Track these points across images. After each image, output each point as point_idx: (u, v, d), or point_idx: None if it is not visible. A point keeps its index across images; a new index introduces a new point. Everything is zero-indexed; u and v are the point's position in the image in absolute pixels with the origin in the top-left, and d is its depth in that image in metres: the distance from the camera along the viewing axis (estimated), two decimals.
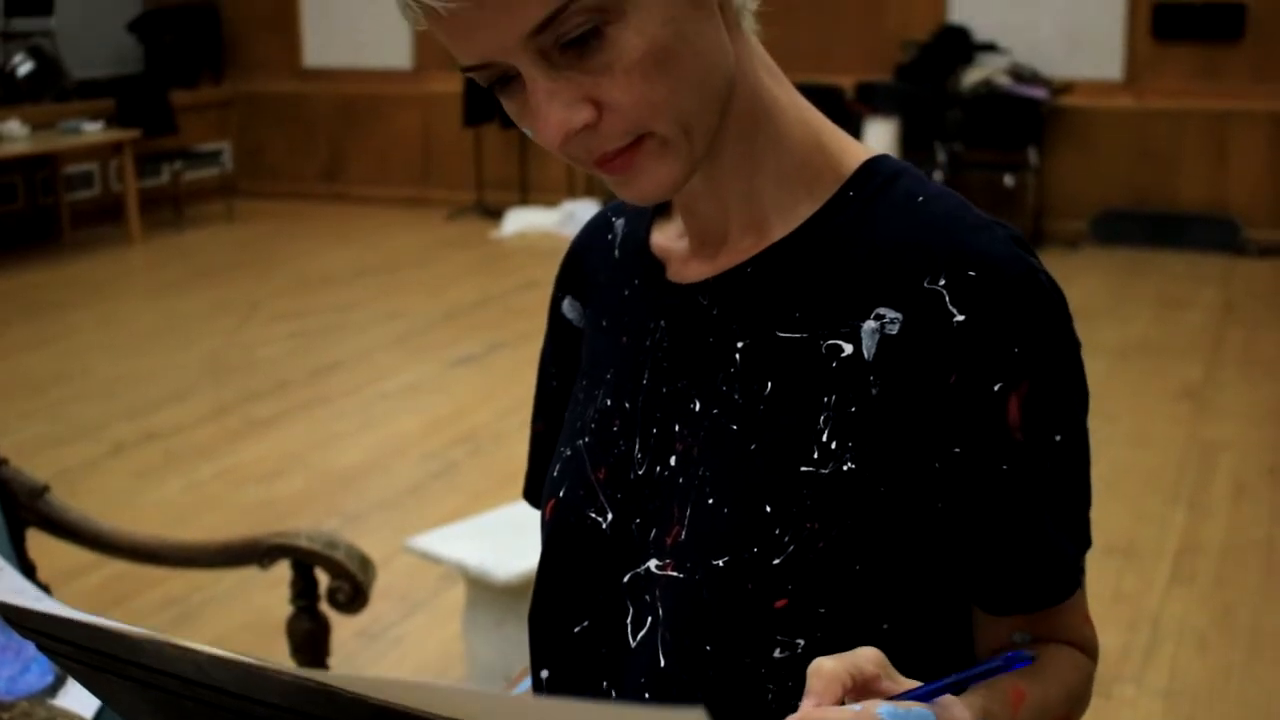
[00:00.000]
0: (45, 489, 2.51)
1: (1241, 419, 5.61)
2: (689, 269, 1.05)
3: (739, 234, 1.02)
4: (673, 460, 1.02)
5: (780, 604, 0.94)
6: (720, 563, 0.96)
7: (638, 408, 1.05)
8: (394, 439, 5.55)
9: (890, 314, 0.94)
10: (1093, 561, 1.10)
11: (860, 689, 0.80)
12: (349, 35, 11.34)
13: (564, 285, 1.18)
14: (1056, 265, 8.44)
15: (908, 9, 9.47)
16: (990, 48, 9.23)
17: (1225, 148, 8.92)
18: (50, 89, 10.43)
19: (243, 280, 8.61)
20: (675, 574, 0.98)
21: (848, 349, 0.95)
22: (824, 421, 0.95)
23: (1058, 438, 0.94)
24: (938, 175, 9.05)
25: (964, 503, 0.94)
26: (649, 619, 1.00)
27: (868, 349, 0.95)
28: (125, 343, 7.18)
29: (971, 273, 0.93)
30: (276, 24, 11.63)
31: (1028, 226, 9.10)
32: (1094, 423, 0.93)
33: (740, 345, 1.00)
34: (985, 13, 9.33)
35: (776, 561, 0.94)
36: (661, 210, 1.10)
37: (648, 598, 1.01)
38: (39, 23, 10.55)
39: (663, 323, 1.05)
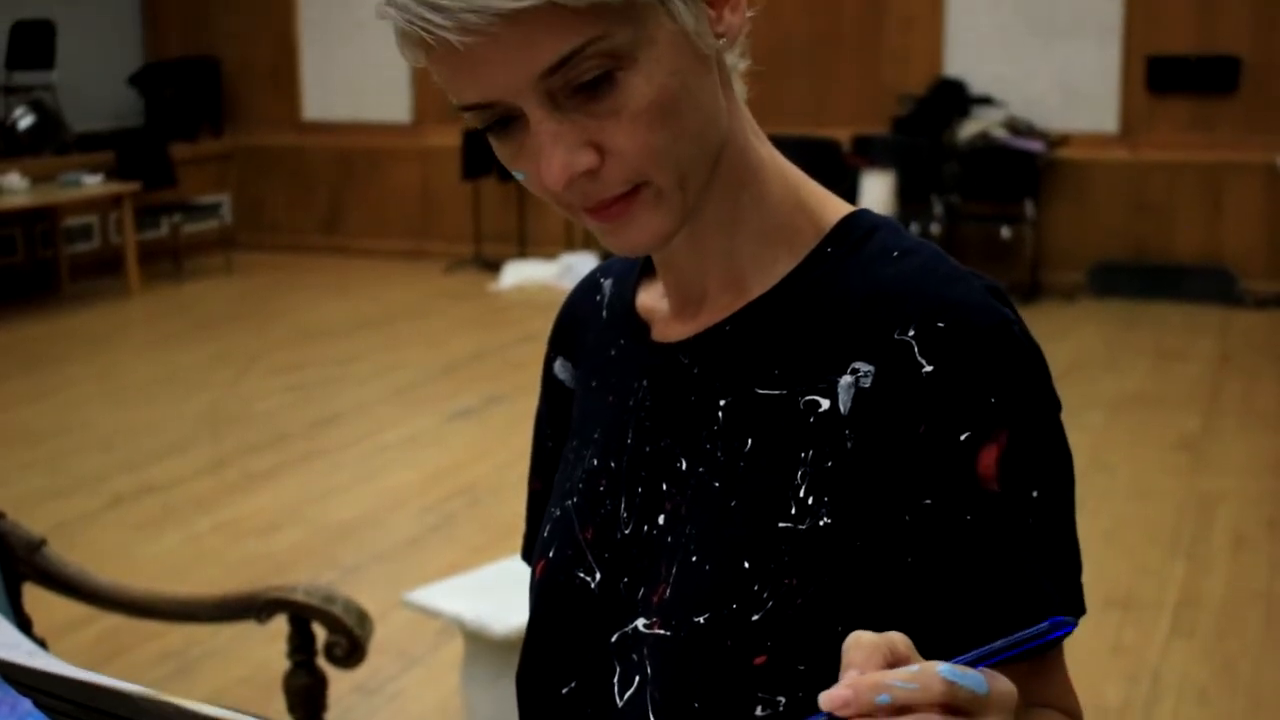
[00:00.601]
0: (42, 542, 2.51)
1: (1240, 471, 5.61)
2: (671, 329, 1.05)
3: (718, 292, 1.02)
4: (661, 519, 1.02)
5: (759, 660, 0.94)
6: (701, 620, 0.95)
7: (623, 467, 1.05)
8: (392, 492, 5.54)
9: (864, 367, 0.94)
10: (1092, 614, 1.10)
11: (895, 666, 0.78)
12: (349, 89, 11.40)
13: (555, 346, 1.19)
14: (1054, 317, 8.48)
15: (904, 63, 9.54)
16: (986, 101, 9.29)
17: (1220, 199, 8.96)
18: (51, 142, 10.48)
19: (241, 333, 8.62)
20: (662, 632, 0.98)
21: (825, 404, 0.95)
22: (801, 477, 0.95)
23: (1035, 493, 0.93)
24: (935, 228, 9.10)
25: (934, 556, 0.92)
26: (636, 678, 1.00)
27: (844, 403, 0.95)
28: (124, 395, 7.18)
29: (940, 323, 0.93)
30: (277, 78, 11.70)
31: (1024, 279, 9.12)
32: (1093, 475, 0.93)
33: (722, 403, 1.00)
34: (981, 66, 9.39)
35: (755, 618, 0.94)
36: (648, 271, 1.11)
37: (635, 656, 1.00)
38: (40, 76, 10.62)
39: (645, 382, 1.05)
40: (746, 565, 0.95)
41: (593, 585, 1.04)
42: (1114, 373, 7.15)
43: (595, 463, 1.08)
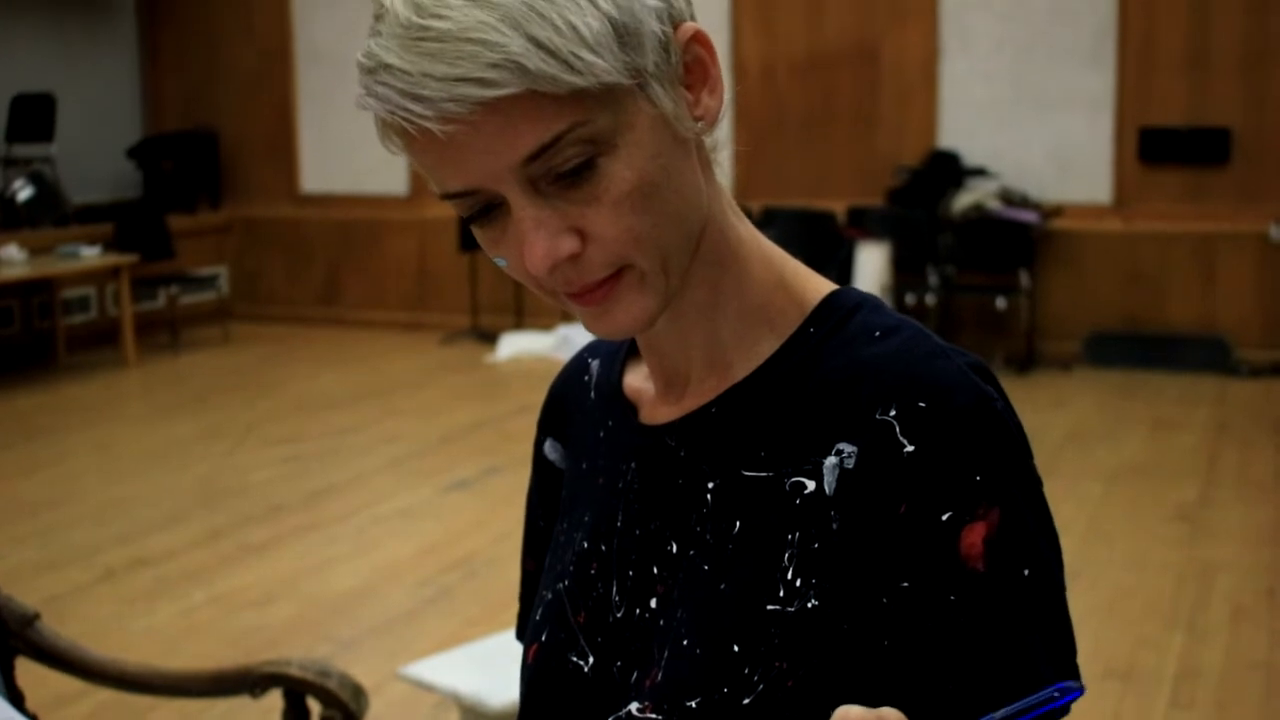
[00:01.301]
0: (35, 616, 2.49)
1: (1238, 540, 5.60)
2: (658, 411, 1.05)
3: (702, 374, 1.03)
4: (653, 602, 1.01)
5: None
6: (693, 704, 0.95)
7: (614, 550, 1.05)
8: (388, 564, 5.52)
9: (848, 448, 0.94)
10: (1092, 686, 1.10)
11: None
12: (346, 162, 11.47)
13: (545, 427, 1.19)
14: (1050, 387, 8.49)
15: (899, 135, 9.61)
16: (980, 172, 9.35)
17: (1214, 269, 9.00)
18: (50, 214, 10.54)
19: (238, 404, 8.62)
20: (654, 717, 0.97)
21: (810, 485, 0.95)
22: (788, 559, 0.95)
23: (1026, 572, 0.92)
24: (930, 298, 9.13)
25: (914, 639, 0.91)
26: None
27: (829, 484, 0.94)
28: (119, 467, 7.17)
29: (921, 403, 0.93)
30: (275, 150, 11.77)
31: (1020, 349, 9.14)
32: (1090, 546, 0.93)
33: (711, 486, 1.00)
34: (975, 138, 9.46)
35: (746, 701, 0.93)
36: (634, 352, 1.11)
37: None
38: (40, 149, 10.68)
39: (633, 464, 1.05)
40: (736, 649, 0.94)
41: (585, 669, 1.04)
42: (1111, 442, 7.15)
43: (585, 545, 1.07)
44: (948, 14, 9.50)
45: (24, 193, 10.41)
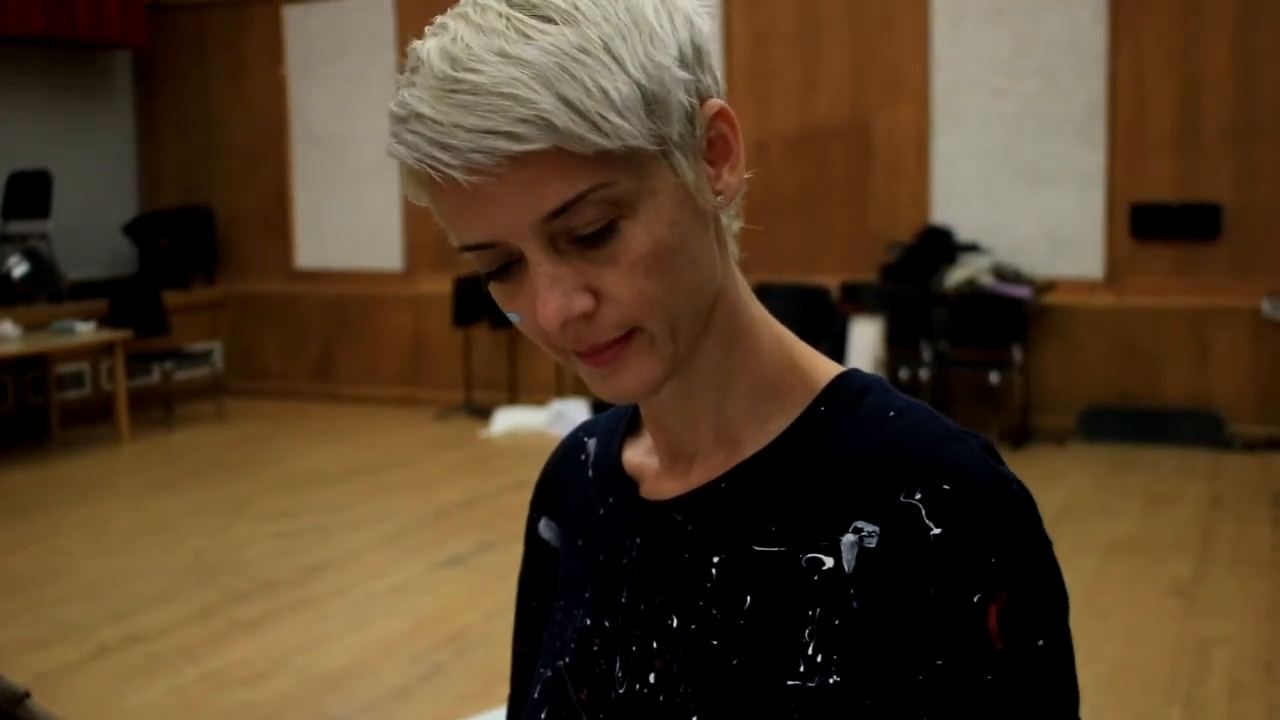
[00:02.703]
0: (26, 694, 2.47)
1: (1234, 616, 5.58)
2: (662, 485, 1.06)
3: (710, 449, 1.03)
4: (652, 678, 1.01)
5: None
6: None
7: (617, 626, 1.05)
8: (381, 641, 5.49)
9: (868, 528, 0.95)
10: None
11: None
12: (341, 237, 11.53)
13: (539, 507, 1.19)
14: (1044, 462, 8.48)
15: (892, 210, 9.66)
16: (973, 248, 9.40)
17: (1207, 344, 9.03)
18: (45, 290, 10.56)
19: (231, 480, 8.60)
20: None
21: (828, 562, 0.95)
22: (809, 635, 0.95)
23: (1040, 643, 0.94)
24: (924, 373, 9.14)
25: (950, 715, 0.92)
26: None
27: (847, 562, 0.95)
28: (111, 543, 7.14)
29: (946, 486, 0.93)
30: (270, 226, 11.82)
31: (1014, 424, 9.14)
32: (1086, 621, 0.94)
33: (716, 560, 1.00)
34: (967, 213, 9.52)
35: None
36: (633, 429, 1.12)
37: None
38: (36, 225, 10.72)
39: (638, 540, 1.05)
40: None
41: None
42: (1105, 517, 7.14)
43: (589, 622, 1.07)
44: (940, 90, 9.59)
45: (19, 269, 10.43)
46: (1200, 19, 8.98)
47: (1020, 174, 9.43)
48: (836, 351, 9.04)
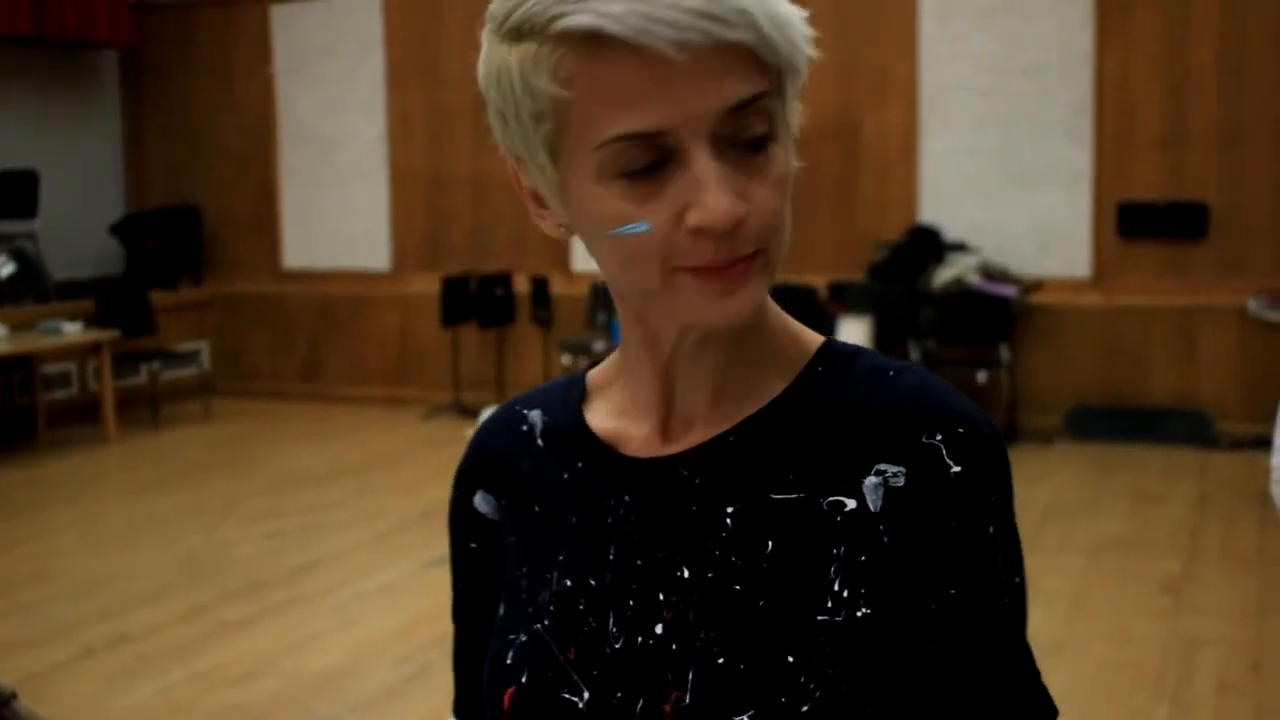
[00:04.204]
0: (13, 695, 2.47)
1: (1222, 614, 5.59)
2: (652, 445, 1.08)
3: (710, 408, 1.06)
4: (659, 629, 1.03)
5: None
6: (745, 717, 0.98)
7: (606, 584, 1.06)
8: (370, 640, 5.48)
9: (892, 469, 1.01)
10: None
11: None
12: (329, 237, 11.52)
13: (471, 483, 1.20)
14: (1032, 461, 8.50)
15: (880, 210, 9.67)
16: (961, 247, 9.41)
17: (1194, 342, 9.05)
18: (31, 290, 10.53)
19: (219, 480, 8.59)
20: None
21: (850, 504, 1.01)
22: (834, 572, 1.00)
23: (1017, 580, 1.04)
24: None
25: (959, 643, 1.00)
26: None
27: (873, 502, 1.01)
28: (99, 543, 7.12)
29: (960, 430, 1.01)
30: (257, 226, 11.81)
31: (1001, 423, 9.15)
32: (1074, 619, 0.96)
33: (731, 510, 1.03)
34: (955, 213, 9.53)
35: (805, 709, 0.97)
36: (582, 399, 1.15)
37: None
38: (22, 225, 10.70)
39: (627, 498, 1.07)
40: (791, 659, 0.99)
41: (580, 705, 1.04)
42: (1093, 516, 7.16)
43: (568, 583, 1.08)
44: (928, 91, 9.61)
45: (6, 269, 10.40)
46: (1186, 20, 9.00)
47: (1008, 174, 9.45)
48: None
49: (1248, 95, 8.88)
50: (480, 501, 1.18)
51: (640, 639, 1.04)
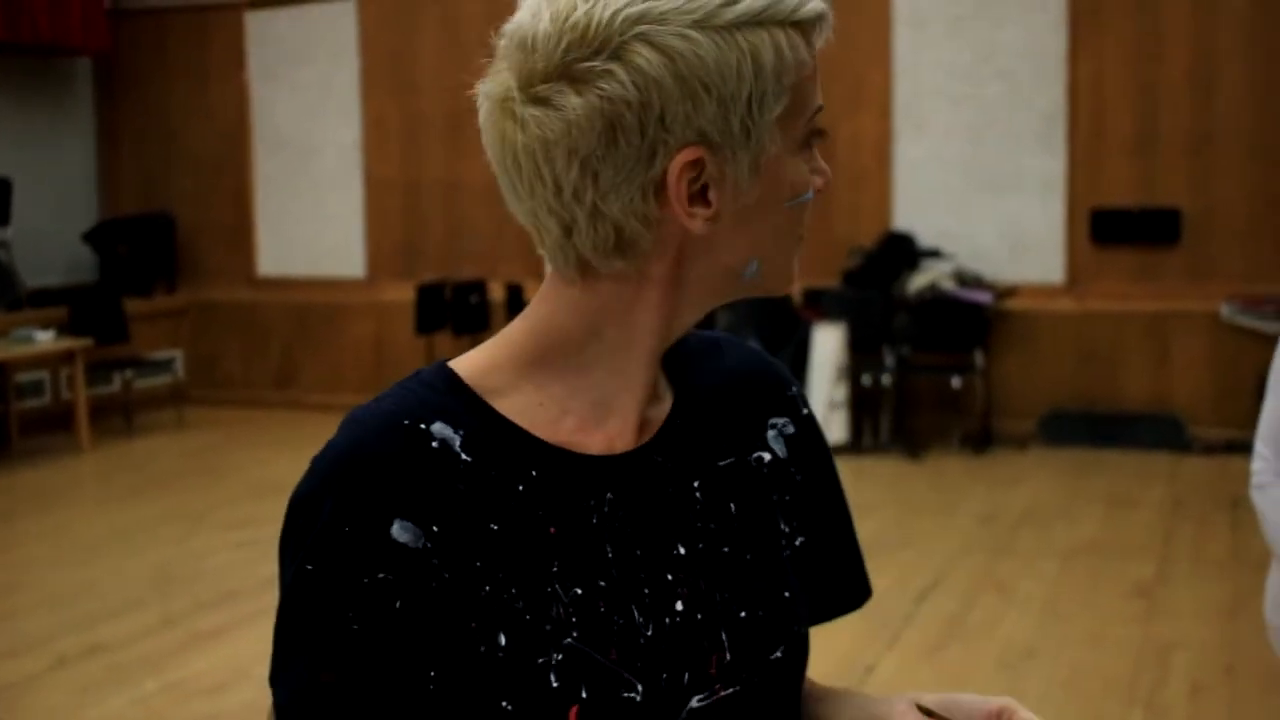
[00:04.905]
0: None
1: (1195, 618, 5.61)
2: (625, 439, 1.11)
3: (645, 397, 1.13)
4: (678, 606, 1.10)
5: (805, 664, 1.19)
6: (778, 654, 1.14)
7: (614, 580, 1.08)
8: None
9: (780, 420, 1.23)
10: None
11: None
12: (303, 245, 11.49)
13: (384, 510, 1.05)
14: (1006, 466, 8.53)
15: (854, 216, 9.69)
16: (935, 253, 9.44)
17: (1166, 348, 9.09)
18: (3, 298, 10.48)
19: (193, 489, 8.55)
20: (731, 690, 1.10)
21: (767, 456, 1.21)
22: (779, 514, 1.20)
23: None
24: (886, 379, 9.19)
25: (834, 537, 1.27)
26: None
27: (780, 451, 1.22)
28: (72, 553, 7.08)
29: (793, 381, 1.28)
30: (232, 234, 11.77)
31: (976, 428, 9.19)
32: (1048, 623, 0.96)
33: (696, 484, 1.14)
34: (929, 220, 9.56)
35: (802, 631, 1.17)
36: (476, 402, 1.10)
37: None
38: None
39: (610, 495, 1.09)
40: (787, 595, 1.16)
41: (637, 698, 1.06)
42: (1067, 521, 7.18)
43: (578, 591, 1.07)
44: (902, 98, 9.64)
45: None
46: (1158, 27, 9.05)
47: (981, 180, 9.48)
48: (799, 358, 9.07)
49: (1219, 101, 8.94)
50: (399, 531, 1.05)
51: (667, 620, 1.09)
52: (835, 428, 9.05)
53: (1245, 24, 8.90)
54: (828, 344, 9.14)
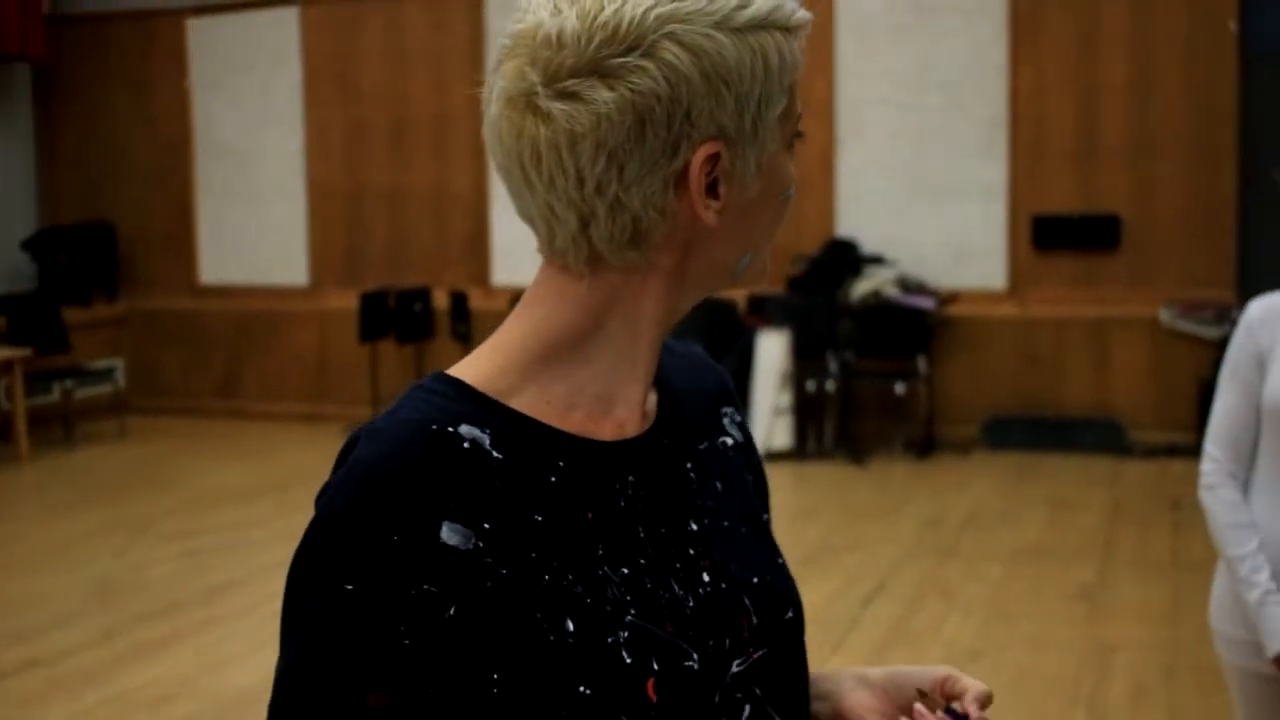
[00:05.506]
0: None
1: (1136, 619, 5.67)
2: (634, 424, 1.17)
3: (646, 385, 1.18)
4: (705, 577, 1.16)
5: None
6: (790, 615, 1.22)
7: (651, 557, 1.13)
8: None
9: (729, 409, 1.31)
10: None
11: None
12: (245, 253, 11.42)
13: (430, 515, 1.05)
14: (950, 471, 8.58)
15: (797, 223, 9.73)
16: (878, 260, 9.49)
17: (1107, 353, 9.18)
18: None
19: (134, 499, 8.48)
20: (761, 652, 1.17)
21: (729, 440, 1.28)
22: (752, 488, 1.28)
23: None
24: (830, 385, 9.22)
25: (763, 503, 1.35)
26: (747, 708, 1.15)
27: (737, 436, 1.29)
28: (10, 565, 7.00)
29: (729, 377, 1.35)
30: (173, 242, 11.68)
31: (919, 433, 9.24)
32: (992, 627, 0.97)
33: (689, 465, 1.21)
34: (872, 226, 9.62)
35: (795, 590, 1.25)
36: (493, 404, 1.12)
37: (739, 695, 1.14)
38: None
39: (631, 478, 1.15)
40: (780, 561, 1.25)
41: (695, 666, 1.12)
42: (1010, 524, 7.23)
43: (625, 571, 1.11)
44: (845, 106, 9.69)
45: None
46: (1097, 36, 9.15)
47: (924, 187, 9.54)
48: (743, 363, 9.09)
49: (1157, 108, 9.04)
50: (449, 534, 1.05)
51: (700, 591, 1.15)
52: (780, 433, 9.08)
53: (1182, 33, 9.00)
54: (772, 350, 9.17)
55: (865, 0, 9.64)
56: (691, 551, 1.16)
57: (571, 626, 1.07)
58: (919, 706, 1.19)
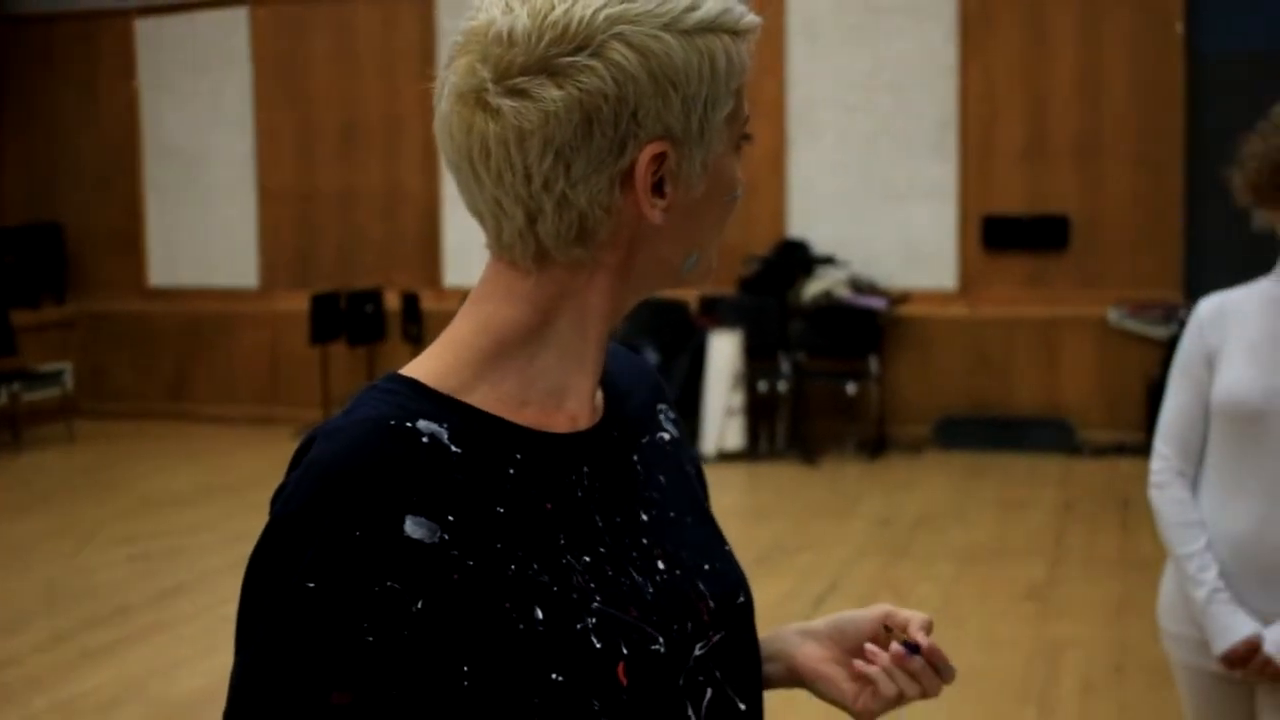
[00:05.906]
0: None
1: (1085, 618, 5.71)
2: (584, 418, 1.18)
3: (593, 380, 1.19)
4: (660, 564, 1.18)
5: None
6: (741, 599, 1.24)
7: (608, 545, 1.15)
8: None
9: (663, 405, 1.33)
10: None
11: None
12: (195, 254, 11.34)
13: (395, 509, 1.05)
14: (901, 470, 8.62)
15: (749, 223, 9.75)
16: (829, 260, 9.53)
17: (1056, 352, 9.25)
18: None
19: (83, 503, 8.40)
20: (720, 635, 1.19)
21: (667, 435, 1.30)
22: (694, 481, 1.31)
23: None
24: (782, 385, 9.24)
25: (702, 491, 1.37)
26: (709, 691, 1.17)
27: (674, 431, 1.32)
28: None
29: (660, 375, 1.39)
30: (121, 244, 11.58)
31: (871, 433, 9.27)
32: (943, 626, 0.97)
33: (635, 458, 1.23)
34: (823, 227, 9.65)
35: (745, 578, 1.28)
36: (448, 400, 1.13)
37: (701, 678, 1.16)
38: None
39: (586, 469, 1.17)
40: (727, 549, 1.27)
41: (661, 649, 1.13)
42: (961, 524, 7.27)
43: (587, 559, 1.13)
44: (796, 106, 9.72)
45: None
46: (1046, 38, 9.21)
47: (875, 188, 9.59)
48: (695, 365, 9.10)
49: (1105, 109, 9.12)
50: (414, 528, 1.04)
51: (658, 578, 1.17)
52: (732, 434, 9.10)
53: (1129, 35, 9.08)
54: (724, 351, 9.19)
55: (815, 2, 9.67)
56: (645, 540, 1.18)
57: (540, 615, 1.07)
58: (869, 646, 1.28)
